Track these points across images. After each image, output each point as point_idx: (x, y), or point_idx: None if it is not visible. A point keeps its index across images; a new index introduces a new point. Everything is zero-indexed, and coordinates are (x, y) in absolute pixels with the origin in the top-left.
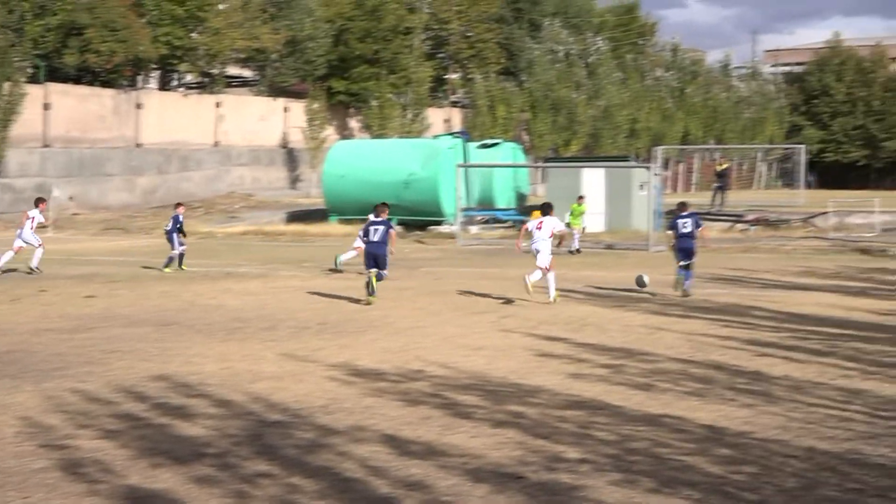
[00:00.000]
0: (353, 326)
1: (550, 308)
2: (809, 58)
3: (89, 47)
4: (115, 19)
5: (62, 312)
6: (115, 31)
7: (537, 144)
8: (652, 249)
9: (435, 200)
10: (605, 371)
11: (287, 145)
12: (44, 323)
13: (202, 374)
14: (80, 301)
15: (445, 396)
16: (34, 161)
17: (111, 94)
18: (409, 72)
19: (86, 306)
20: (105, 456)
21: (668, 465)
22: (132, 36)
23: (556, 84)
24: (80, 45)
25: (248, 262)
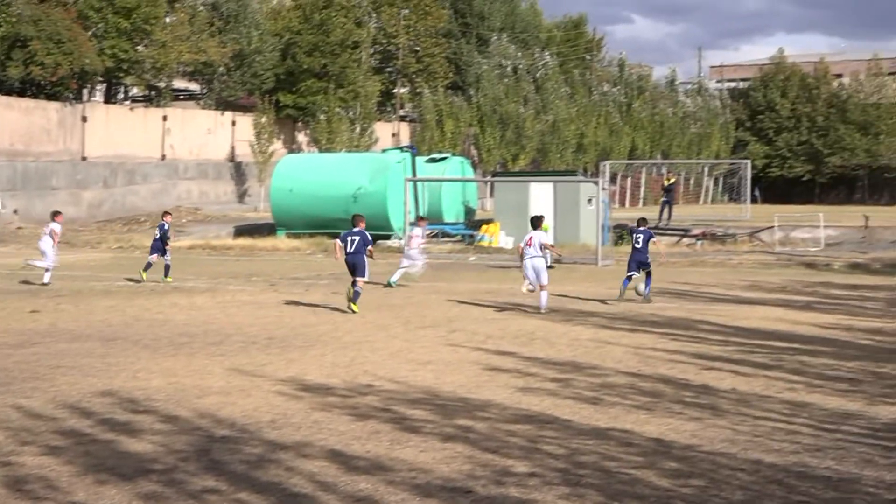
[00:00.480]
0: (301, 341)
1: (498, 323)
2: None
3: (34, 59)
4: (60, 32)
5: (6, 327)
6: (61, 44)
7: (485, 159)
8: (600, 264)
9: (383, 214)
10: (554, 385)
11: (235, 159)
12: None
13: (148, 389)
14: (24, 316)
15: (394, 411)
16: None
17: (56, 107)
18: (357, 86)
19: (30, 321)
20: (50, 472)
21: (616, 478)
22: (77, 48)
23: (504, 99)
24: (25, 58)
25: (196, 277)
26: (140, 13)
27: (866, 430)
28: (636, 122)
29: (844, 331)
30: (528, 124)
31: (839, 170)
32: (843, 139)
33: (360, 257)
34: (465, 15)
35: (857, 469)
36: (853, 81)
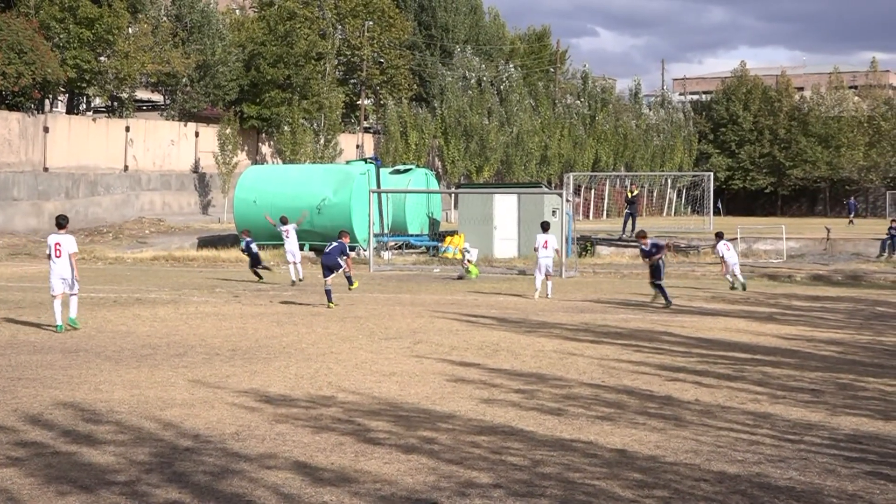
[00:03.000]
0: (264, 353)
1: (462, 334)
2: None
3: None
4: (21, 41)
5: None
6: (22, 54)
7: (450, 170)
8: (564, 275)
9: (347, 226)
10: (518, 396)
11: (198, 170)
12: None
13: (111, 401)
14: None
15: (358, 422)
16: None
17: (18, 118)
18: (321, 97)
19: None
20: (11, 484)
21: (579, 489)
22: (39, 58)
23: (469, 111)
24: None
25: (159, 288)
26: (102, 23)
27: (828, 440)
28: (600, 134)
29: (806, 342)
30: (493, 136)
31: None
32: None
33: (334, 259)
34: (429, 27)
35: (819, 479)
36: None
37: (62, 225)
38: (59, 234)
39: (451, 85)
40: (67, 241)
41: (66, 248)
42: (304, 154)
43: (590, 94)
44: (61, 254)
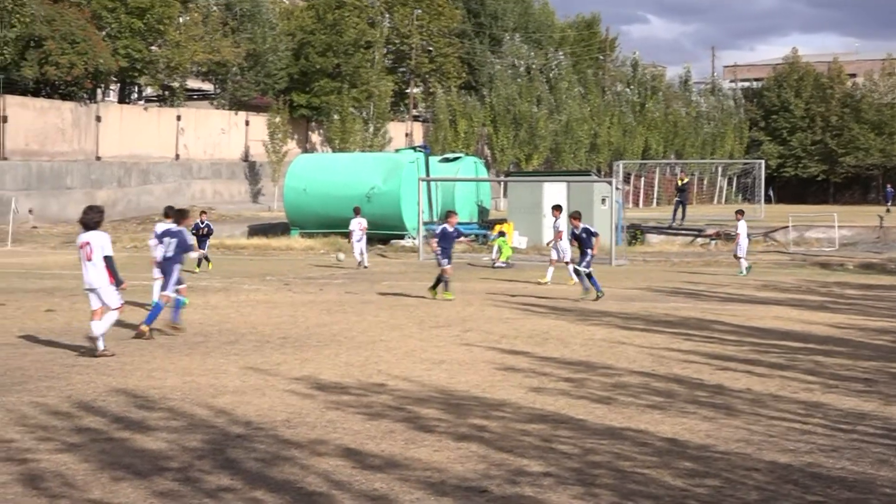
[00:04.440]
0: (315, 340)
1: (512, 322)
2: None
3: (48, 59)
4: (74, 31)
5: (22, 326)
6: (75, 44)
7: (499, 159)
8: (614, 263)
9: (397, 214)
10: (568, 385)
11: (248, 159)
12: (2, 337)
13: (164, 388)
14: (39, 315)
15: (408, 410)
16: None
17: (70, 107)
18: (370, 86)
19: (46, 320)
20: (66, 470)
21: (630, 478)
22: (91, 48)
23: (518, 98)
24: (39, 58)
25: (210, 276)
26: (153, 13)
27: (882, 430)
28: (649, 121)
29: (859, 331)
30: (542, 124)
31: (853, 170)
32: (858, 139)
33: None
34: (478, 15)
35: (872, 469)
36: (867, 81)
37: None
38: (166, 223)
39: (500, 73)
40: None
41: None
42: (354, 142)
43: (640, 82)
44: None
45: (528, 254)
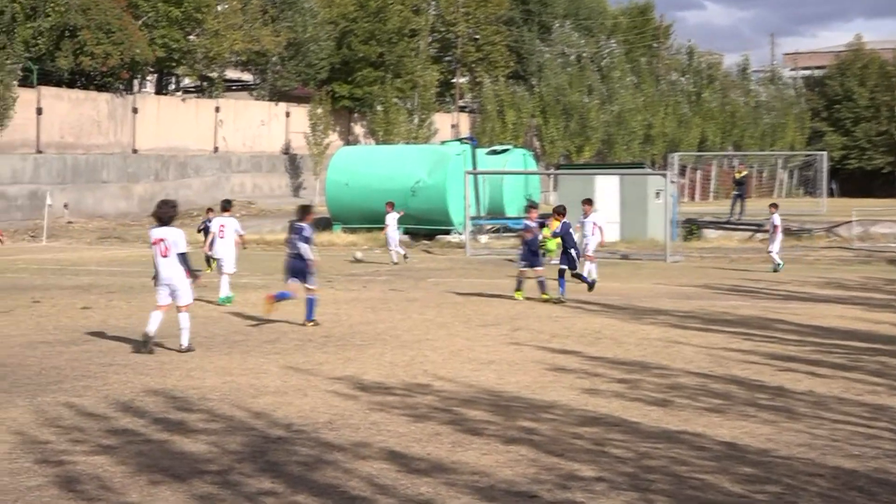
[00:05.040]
0: (358, 339)
1: (563, 321)
2: (831, 61)
3: (83, 50)
4: (109, 21)
5: (57, 324)
6: (110, 34)
7: (549, 151)
8: (669, 260)
9: (443, 209)
10: (621, 386)
11: (289, 151)
12: (38, 335)
13: (202, 388)
14: (75, 313)
15: (455, 412)
16: (27, 168)
17: (106, 99)
18: (415, 75)
19: (82, 318)
20: (103, 472)
21: (687, 483)
22: (128, 38)
23: (568, 88)
24: (74, 48)
25: (250, 273)
26: (191, 1)
27: None
28: (706, 112)
29: None
30: (593, 115)
31: None
32: None
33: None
34: (526, 1)
35: None
36: None
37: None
38: (224, 217)
39: (549, 62)
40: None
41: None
42: (398, 134)
43: (695, 70)
44: (225, 235)
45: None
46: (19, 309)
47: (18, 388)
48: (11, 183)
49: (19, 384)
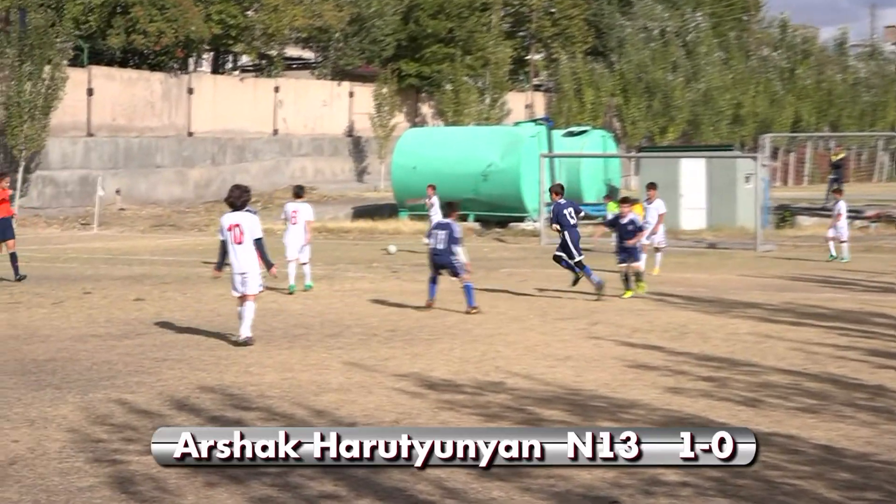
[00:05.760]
0: (426, 333)
1: (645, 314)
2: None
3: (136, 27)
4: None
5: (109, 317)
6: (164, 10)
7: (630, 132)
8: (760, 249)
9: (516, 194)
10: (708, 384)
11: (353, 134)
12: (89, 328)
13: (261, 385)
14: (128, 304)
15: (529, 411)
16: (77, 152)
17: (160, 79)
18: (486, 52)
19: (134, 310)
20: (157, 473)
21: (779, 489)
22: (182, 15)
23: (651, 65)
24: (126, 25)
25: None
26: None
27: None
28: (800, 90)
29: None
30: (678, 93)
31: None
32: None
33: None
34: None
35: None
36: None
37: (299, 194)
38: (297, 203)
39: (631, 36)
40: (305, 209)
41: (303, 215)
42: (469, 115)
43: (789, 45)
44: (297, 221)
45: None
46: (70, 301)
47: (69, 384)
48: (61, 168)
49: (70, 380)
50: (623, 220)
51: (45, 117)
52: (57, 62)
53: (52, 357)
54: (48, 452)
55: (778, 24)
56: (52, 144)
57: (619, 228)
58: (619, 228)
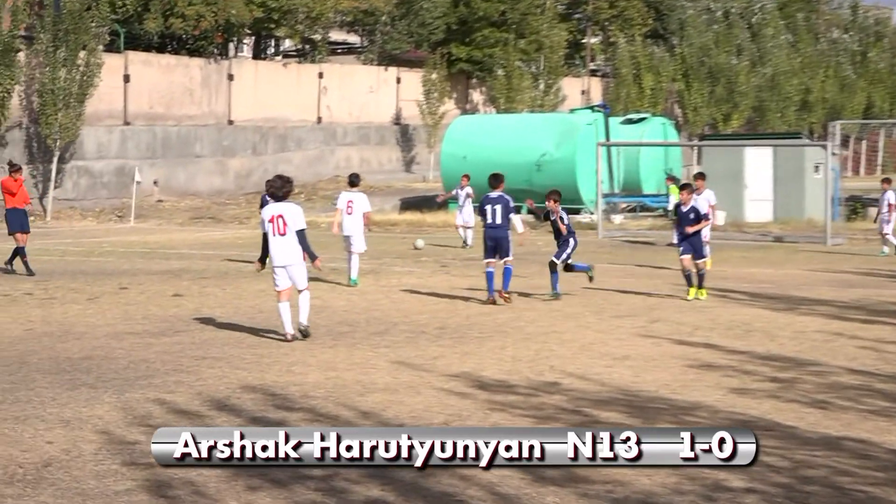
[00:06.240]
0: (476, 331)
1: (708, 311)
2: None
3: (174, 11)
4: None
5: (146, 313)
6: None
7: (691, 119)
8: (829, 242)
9: (572, 185)
10: (774, 385)
11: (400, 121)
12: (125, 325)
13: (305, 384)
14: (166, 300)
15: (585, 413)
16: (113, 141)
17: (199, 64)
18: (540, 35)
19: (173, 306)
20: (197, 477)
21: (850, 496)
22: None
23: (714, 48)
24: (164, 9)
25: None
26: None
27: None
28: (873, 74)
29: None
30: (742, 78)
31: None
32: None
33: None
34: None
35: None
36: None
37: (355, 182)
38: (352, 192)
39: (692, 18)
40: (360, 199)
41: (359, 205)
42: (522, 101)
43: (860, 27)
44: (353, 211)
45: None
46: (105, 296)
47: (105, 384)
48: (97, 158)
49: (106, 379)
50: (684, 208)
51: (80, 105)
52: (92, 48)
53: (87, 355)
54: (83, 454)
55: (849, 5)
56: (88, 133)
57: (680, 217)
58: (679, 217)
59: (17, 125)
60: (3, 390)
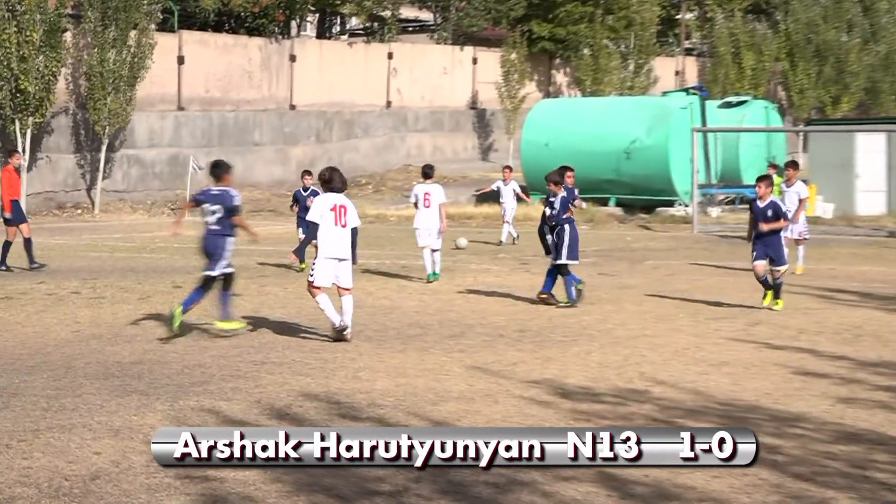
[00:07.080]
0: (560, 334)
1: (814, 313)
2: None
3: None
4: None
5: (202, 314)
6: None
7: (797, 102)
8: None
9: (664, 175)
10: (887, 395)
11: (476, 106)
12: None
13: (372, 391)
14: None
15: (677, 424)
16: (166, 127)
17: (259, 45)
18: (630, 11)
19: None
20: (255, 491)
21: None
22: None
23: (822, 24)
24: None
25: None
26: None
27: None
28: None
29: None
30: (853, 57)
31: None
32: None
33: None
34: None
35: None
36: None
37: (429, 174)
38: (427, 184)
39: None
40: (437, 191)
41: (436, 198)
42: (609, 84)
43: None
44: (430, 204)
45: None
46: (158, 296)
47: (157, 390)
48: (148, 146)
49: (158, 385)
50: (761, 204)
51: (130, 89)
52: (144, 27)
53: (138, 359)
54: (134, 466)
55: None
56: (139, 119)
57: (756, 213)
58: (754, 213)
59: (64, 111)
60: (48, 397)
